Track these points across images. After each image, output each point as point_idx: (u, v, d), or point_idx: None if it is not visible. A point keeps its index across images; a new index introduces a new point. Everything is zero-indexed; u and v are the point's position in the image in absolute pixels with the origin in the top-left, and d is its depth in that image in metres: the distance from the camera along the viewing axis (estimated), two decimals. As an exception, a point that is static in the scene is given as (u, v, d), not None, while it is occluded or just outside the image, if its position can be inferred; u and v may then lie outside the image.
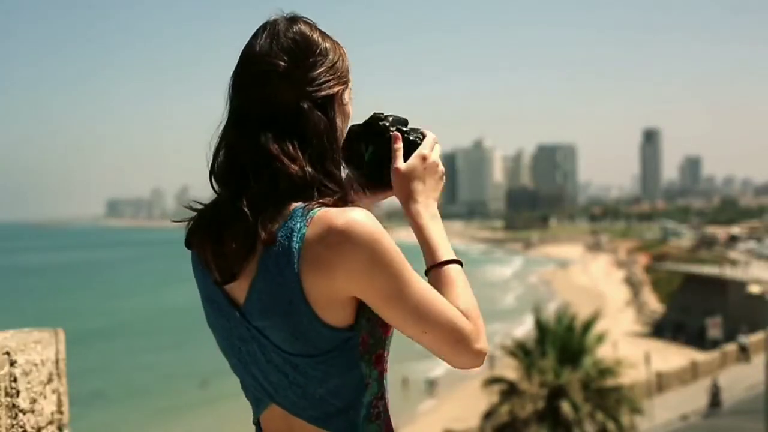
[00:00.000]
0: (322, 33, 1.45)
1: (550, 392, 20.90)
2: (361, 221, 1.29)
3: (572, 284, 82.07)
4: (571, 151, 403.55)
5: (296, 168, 1.34)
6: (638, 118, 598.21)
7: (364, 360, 1.37)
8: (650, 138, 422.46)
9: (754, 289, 44.96)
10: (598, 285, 79.47)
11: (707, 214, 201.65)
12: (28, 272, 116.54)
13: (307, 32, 1.42)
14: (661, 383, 32.28)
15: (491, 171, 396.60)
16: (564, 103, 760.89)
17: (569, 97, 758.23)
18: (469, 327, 1.34)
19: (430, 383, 39.03)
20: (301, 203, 1.33)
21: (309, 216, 1.30)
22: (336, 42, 1.46)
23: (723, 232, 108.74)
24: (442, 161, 1.54)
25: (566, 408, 20.36)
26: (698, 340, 44.33)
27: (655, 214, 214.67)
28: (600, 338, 23.03)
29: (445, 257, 1.42)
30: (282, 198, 1.33)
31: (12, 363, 2.11)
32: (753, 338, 37.52)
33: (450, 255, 1.42)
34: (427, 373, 40.41)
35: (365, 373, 1.37)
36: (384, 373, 1.42)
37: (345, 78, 1.45)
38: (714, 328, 42.59)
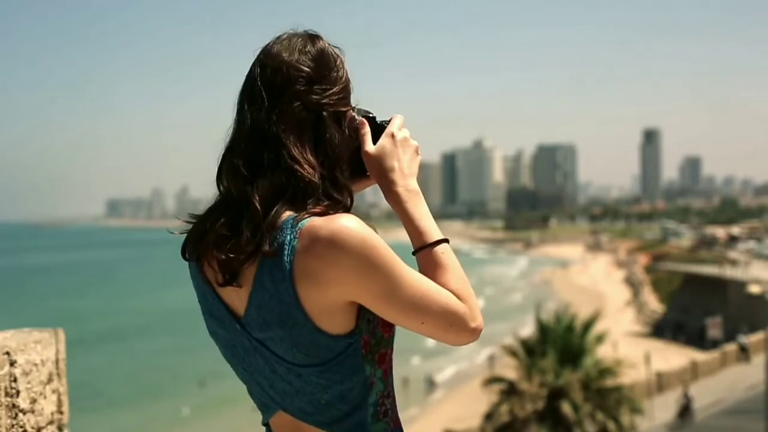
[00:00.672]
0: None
1: (550, 392, 20.89)
2: (346, 227, 1.29)
3: (572, 284, 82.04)
4: (571, 151, 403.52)
5: (313, 174, 1.36)
6: (638, 118, 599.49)
7: (368, 361, 1.38)
8: (650, 138, 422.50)
9: (754, 289, 44.89)
10: (598, 285, 79.42)
11: (707, 214, 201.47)
12: (28, 272, 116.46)
13: (328, 50, 1.45)
14: (661, 383, 32.29)
15: (491, 171, 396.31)
16: (564, 103, 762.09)
17: (569, 97, 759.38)
18: (463, 308, 1.36)
19: (430, 383, 39.03)
20: (292, 213, 1.33)
21: (298, 228, 1.30)
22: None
23: (723, 232, 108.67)
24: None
25: (566, 408, 20.35)
26: (698, 340, 44.29)
27: (655, 214, 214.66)
28: (600, 338, 23.03)
29: (433, 238, 1.43)
30: (289, 202, 1.34)
31: (12, 363, 2.11)
32: (753, 338, 37.51)
33: (437, 235, 1.43)
34: (434, 375, 40.48)
35: (369, 374, 1.38)
36: (389, 371, 1.43)
37: (349, 99, 1.49)
38: (714, 328, 42.58)
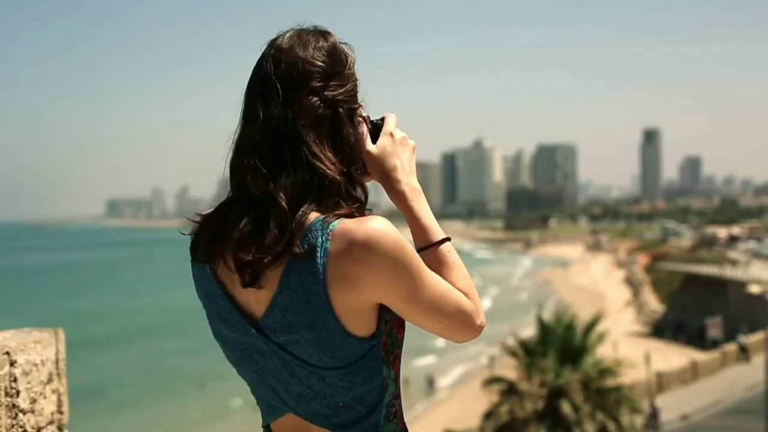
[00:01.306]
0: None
1: (550, 392, 20.87)
2: (382, 230, 1.28)
3: (572, 284, 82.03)
4: (571, 151, 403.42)
5: (335, 171, 1.35)
6: (638, 118, 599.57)
7: (385, 362, 1.38)
8: (650, 138, 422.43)
9: (754, 289, 44.89)
10: (598, 285, 79.41)
11: (707, 214, 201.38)
12: (28, 272, 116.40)
13: (340, 46, 1.44)
14: (661, 383, 32.29)
15: (491, 171, 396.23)
16: (564, 103, 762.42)
17: (569, 97, 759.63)
18: (471, 306, 1.40)
19: (430, 383, 39.00)
20: (320, 215, 1.31)
21: (329, 230, 1.28)
22: None
23: (723, 232, 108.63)
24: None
25: (566, 408, 20.33)
26: (698, 340, 44.29)
27: (655, 214, 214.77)
28: (600, 338, 23.02)
29: (438, 236, 1.46)
30: (315, 201, 1.32)
31: (12, 363, 2.11)
32: (753, 338, 37.53)
33: (441, 234, 1.46)
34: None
35: (385, 375, 1.39)
36: (398, 372, 1.44)
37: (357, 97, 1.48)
38: (714, 328, 42.60)
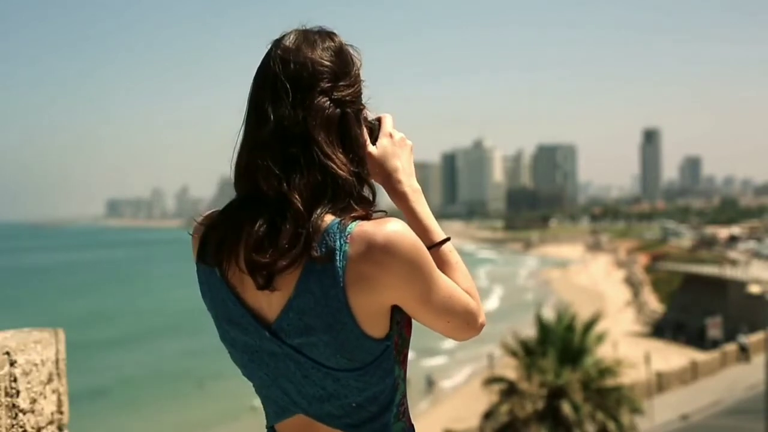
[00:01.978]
0: None
1: (550, 392, 20.87)
2: (400, 233, 1.29)
3: (572, 284, 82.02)
4: (571, 151, 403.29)
5: (348, 172, 1.35)
6: (638, 118, 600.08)
7: (396, 362, 1.39)
8: (650, 138, 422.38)
9: (754, 289, 44.91)
10: (598, 285, 79.40)
11: (707, 214, 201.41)
12: (28, 272, 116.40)
13: (345, 47, 1.43)
14: (661, 383, 32.29)
15: (491, 171, 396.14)
16: (564, 103, 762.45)
17: (569, 97, 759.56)
18: (475, 306, 1.42)
19: (430, 383, 39.00)
20: (335, 217, 1.31)
21: (347, 232, 1.28)
22: None
23: (723, 232, 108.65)
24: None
25: (566, 408, 20.32)
26: (698, 340, 44.31)
27: (655, 214, 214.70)
28: (600, 338, 23.00)
29: (440, 236, 1.47)
30: (330, 202, 1.32)
31: (12, 363, 2.11)
32: (753, 338, 37.55)
33: (442, 234, 1.48)
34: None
35: (397, 374, 1.39)
36: (406, 371, 1.44)
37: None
38: (714, 328, 42.60)
